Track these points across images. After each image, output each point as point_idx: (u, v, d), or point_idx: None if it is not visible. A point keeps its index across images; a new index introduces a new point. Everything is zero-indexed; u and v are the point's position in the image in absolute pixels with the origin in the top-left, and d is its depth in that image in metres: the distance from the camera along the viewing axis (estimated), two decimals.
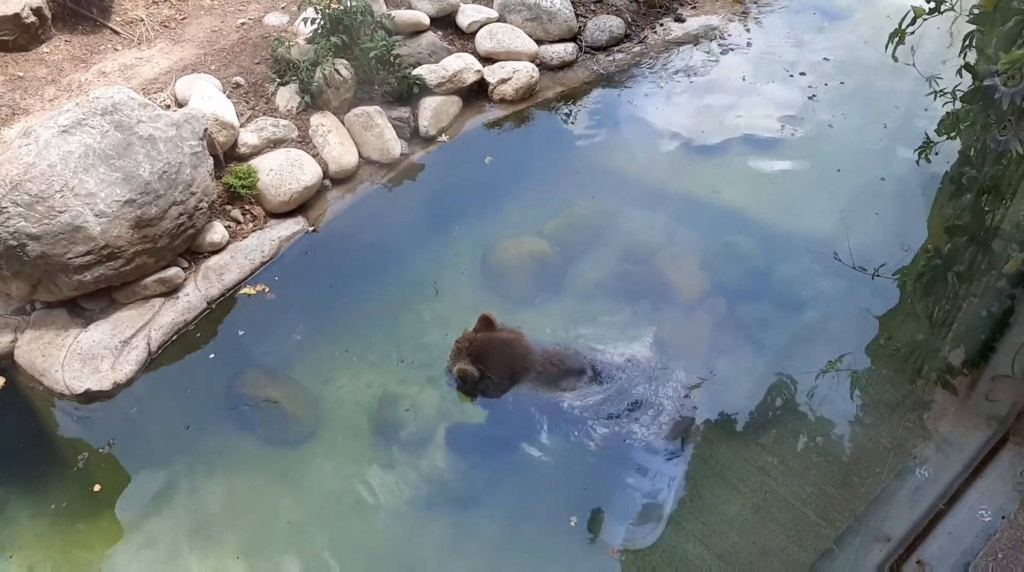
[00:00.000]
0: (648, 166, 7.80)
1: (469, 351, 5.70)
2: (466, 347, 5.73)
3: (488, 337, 5.77)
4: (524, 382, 5.71)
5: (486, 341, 5.74)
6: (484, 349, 5.70)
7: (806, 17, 9.78)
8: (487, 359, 5.66)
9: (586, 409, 5.67)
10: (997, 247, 4.88)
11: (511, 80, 8.40)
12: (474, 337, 5.78)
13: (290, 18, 8.55)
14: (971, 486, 4.80)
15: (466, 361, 5.65)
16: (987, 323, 5.09)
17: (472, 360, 5.65)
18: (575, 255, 6.90)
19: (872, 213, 7.00)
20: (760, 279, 6.66)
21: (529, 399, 5.68)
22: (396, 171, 7.70)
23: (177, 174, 6.25)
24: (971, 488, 4.79)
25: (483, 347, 5.71)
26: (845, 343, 6.03)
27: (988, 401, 5.16)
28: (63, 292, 6.03)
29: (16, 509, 5.38)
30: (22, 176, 5.68)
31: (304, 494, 5.46)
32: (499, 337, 5.78)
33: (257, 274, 6.69)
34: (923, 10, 5.61)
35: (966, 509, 4.71)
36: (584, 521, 5.23)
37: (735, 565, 4.97)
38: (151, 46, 8.24)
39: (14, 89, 7.59)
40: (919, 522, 4.73)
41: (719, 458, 5.51)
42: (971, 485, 4.81)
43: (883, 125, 8.00)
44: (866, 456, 5.44)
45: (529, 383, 5.71)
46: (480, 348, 5.70)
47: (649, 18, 9.65)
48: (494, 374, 5.66)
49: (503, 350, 5.72)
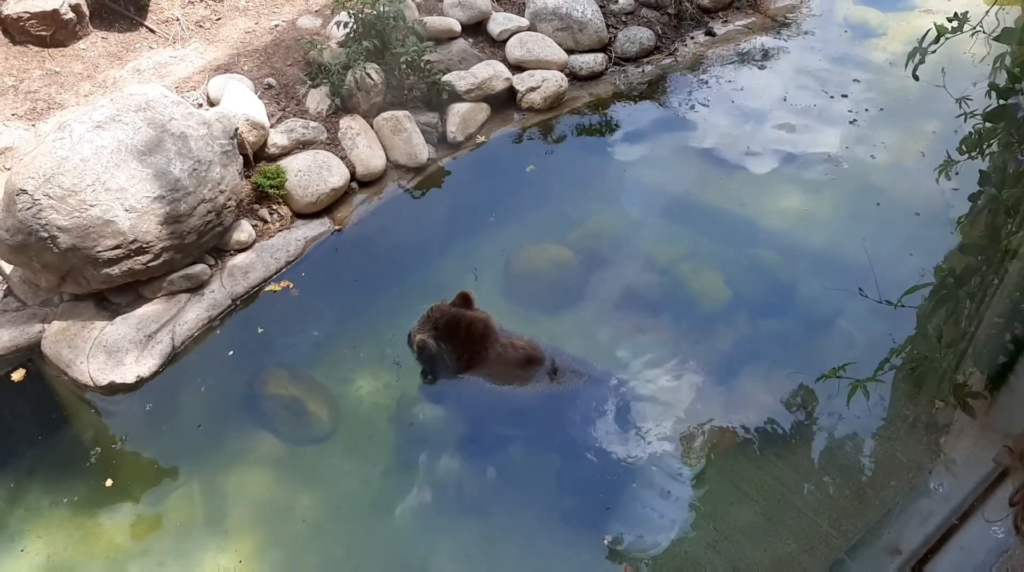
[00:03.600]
0: (674, 178, 7.79)
1: (436, 324, 5.61)
2: (436, 319, 5.63)
3: (456, 313, 5.66)
4: (481, 368, 5.63)
5: (454, 317, 5.64)
6: (451, 324, 5.60)
7: (838, 34, 9.74)
8: (451, 336, 5.57)
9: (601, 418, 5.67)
10: (1013, 269, 4.82)
11: (540, 88, 8.42)
12: (446, 310, 5.68)
13: (323, 21, 8.64)
14: (985, 502, 4.75)
15: (429, 333, 5.56)
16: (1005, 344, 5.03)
17: (436, 334, 5.56)
18: (598, 264, 6.90)
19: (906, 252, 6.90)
20: (782, 294, 6.64)
21: (546, 407, 5.68)
22: (423, 175, 7.74)
23: (207, 172, 6.32)
24: (985, 504, 4.74)
25: (450, 322, 5.60)
26: (864, 360, 5.99)
27: (1005, 420, 5.11)
28: (91, 285, 6.11)
29: (37, 498, 5.44)
30: (55, 169, 5.76)
31: (321, 493, 5.48)
32: (467, 315, 5.68)
33: (282, 274, 6.75)
34: (946, 29, 5.56)
35: (979, 525, 4.66)
36: (600, 530, 5.22)
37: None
38: (185, 45, 8.35)
39: (50, 84, 7.72)
40: (931, 536, 4.69)
41: (733, 467, 5.50)
42: (985, 501, 4.76)
43: (921, 153, 7.83)
44: (881, 469, 5.43)
45: (486, 369, 5.63)
46: (447, 323, 5.60)
47: (680, 31, 9.66)
48: (454, 352, 5.57)
49: (468, 329, 5.63)
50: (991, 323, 5.00)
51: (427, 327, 5.62)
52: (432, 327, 5.59)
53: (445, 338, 5.57)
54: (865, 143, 8.09)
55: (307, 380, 6.08)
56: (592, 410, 5.70)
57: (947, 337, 5.35)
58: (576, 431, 5.65)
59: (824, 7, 10.14)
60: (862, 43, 9.58)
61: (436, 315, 5.66)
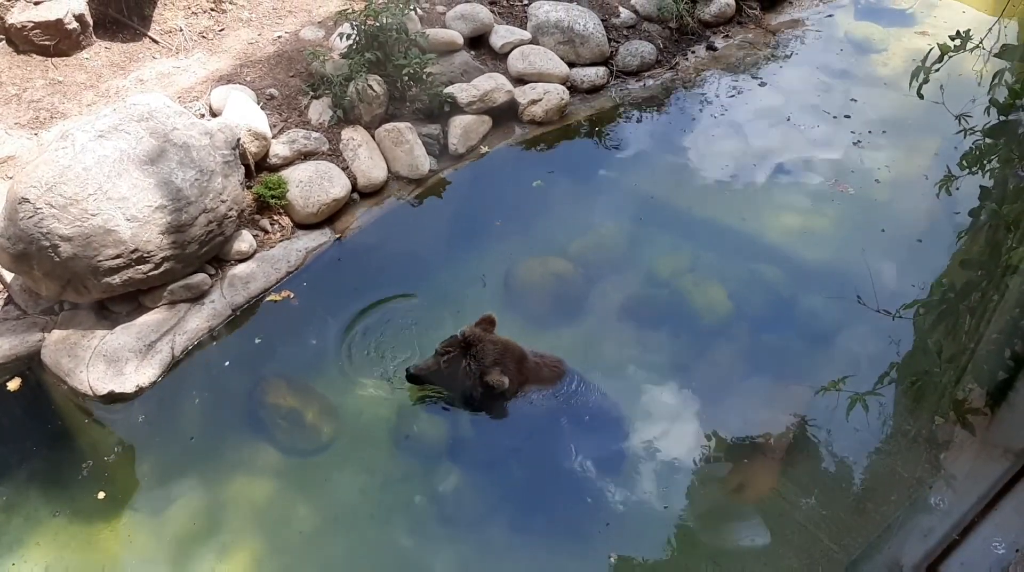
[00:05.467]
0: (675, 191, 7.81)
1: (497, 358, 5.51)
2: (490, 352, 5.51)
3: (502, 341, 5.61)
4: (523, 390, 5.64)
5: (504, 345, 5.59)
6: (503, 353, 5.53)
7: (838, 50, 9.75)
8: (508, 367, 5.52)
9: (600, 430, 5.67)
10: (1012, 284, 4.83)
11: (542, 101, 8.44)
12: (497, 341, 5.60)
13: (326, 33, 8.66)
14: (985, 518, 4.74)
15: (498, 370, 5.46)
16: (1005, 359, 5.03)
17: (502, 369, 5.48)
18: (598, 276, 6.91)
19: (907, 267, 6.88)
20: (783, 308, 6.65)
21: (546, 417, 5.68)
22: (424, 187, 7.74)
23: (209, 182, 6.33)
24: (985, 520, 4.73)
25: (503, 351, 5.53)
26: (865, 375, 6.01)
27: (1005, 435, 5.11)
28: (91, 294, 6.11)
29: (35, 507, 5.42)
30: (57, 178, 5.77)
31: (319, 504, 5.48)
32: (507, 341, 5.65)
33: (282, 284, 6.74)
34: (949, 47, 5.59)
35: (980, 540, 4.65)
36: (601, 544, 5.22)
37: None
38: (188, 56, 8.37)
39: (53, 93, 7.74)
40: (932, 551, 4.68)
41: (734, 480, 5.48)
42: (985, 517, 4.75)
43: (924, 177, 7.74)
44: (882, 485, 5.45)
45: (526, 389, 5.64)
46: (502, 353, 5.52)
47: (681, 45, 9.69)
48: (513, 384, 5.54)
49: (514, 355, 5.62)
50: (991, 338, 5.00)
51: (484, 362, 5.51)
52: (493, 362, 5.52)
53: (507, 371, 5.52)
54: (866, 159, 8.10)
55: (306, 390, 6.07)
56: (591, 422, 5.70)
57: (947, 352, 5.36)
58: (575, 444, 5.65)
59: (825, 23, 10.17)
60: (863, 59, 9.60)
61: (491, 348, 5.55)
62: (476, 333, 5.62)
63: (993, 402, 5.29)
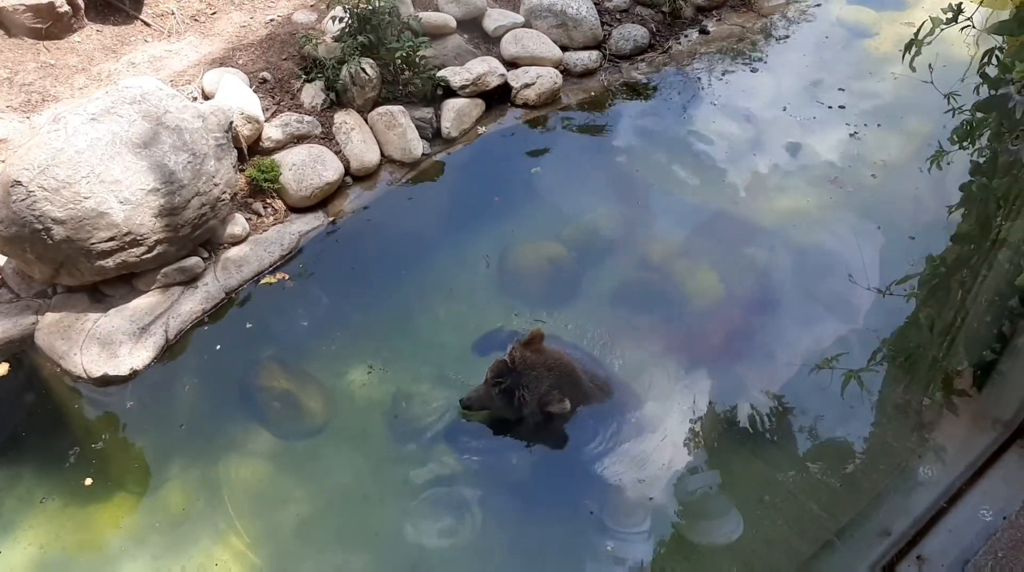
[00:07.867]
0: (666, 175, 7.82)
1: (556, 381, 5.34)
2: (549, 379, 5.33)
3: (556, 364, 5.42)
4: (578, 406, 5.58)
5: (566, 365, 5.44)
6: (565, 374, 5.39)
7: (830, 33, 9.75)
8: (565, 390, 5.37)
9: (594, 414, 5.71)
10: (1003, 258, 4.86)
11: (535, 85, 8.44)
12: (550, 362, 5.41)
13: (318, 16, 8.64)
14: (973, 486, 4.81)
15: (558, 395, 5.31)
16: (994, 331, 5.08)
17: (564, 393, 5.33)
18: (592, 260, 6.93)
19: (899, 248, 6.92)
20: (775, 291, 6.69)
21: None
22: (417, 171, 7.75)
23: (202, 165, 6.33)
24: (973, 488, 4.80)
25: (565, 372, 5.38)
26: (856, 352, 6.06)
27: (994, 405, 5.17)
28: (85, 277, 6.11)
29: (29, 489, 5.44)
30: (50, 161, 5.77)
31: (313, 487, 5.50)
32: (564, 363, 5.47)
33: (276, 267, 6.76)
34: (940, 20, 5.61)
35: (968, 508, 4.72)
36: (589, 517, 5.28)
37: (738, 553, 5.05)
38: (181, 39, 8.35)
39: (45, 76, 7.71)
40: (920, 518, 4.75)
41: (726, 450, 5.58)
42: (973, 485, 4.82)
43: (918, 169, 7.57)
44: (871, 454, 5.53)
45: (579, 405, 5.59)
46: (566, 375, 5.38)
47: (674, 29, 9.68)
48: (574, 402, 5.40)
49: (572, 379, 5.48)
50: (981, 311, 5.05)
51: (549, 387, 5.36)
52: (556, 386, 5.36)
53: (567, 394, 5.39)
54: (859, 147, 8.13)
55: (300, 373, 6.09)
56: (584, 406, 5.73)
57: (938, 325, 5.41)
58: (567, 426, 5.68)
59: (817, 6, 10.17)
60: (855, 43, 9.61)
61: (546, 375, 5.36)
62: (525, 358, 5.41)
63: (982, 373, 5.34)
